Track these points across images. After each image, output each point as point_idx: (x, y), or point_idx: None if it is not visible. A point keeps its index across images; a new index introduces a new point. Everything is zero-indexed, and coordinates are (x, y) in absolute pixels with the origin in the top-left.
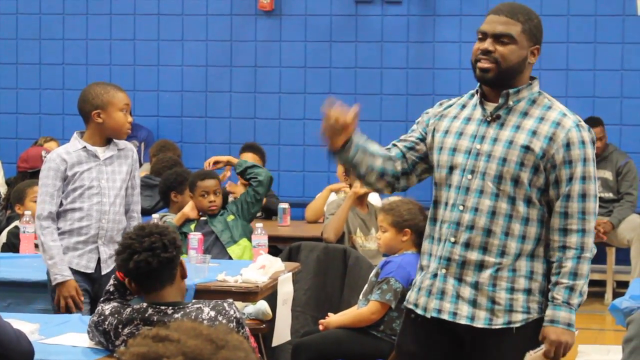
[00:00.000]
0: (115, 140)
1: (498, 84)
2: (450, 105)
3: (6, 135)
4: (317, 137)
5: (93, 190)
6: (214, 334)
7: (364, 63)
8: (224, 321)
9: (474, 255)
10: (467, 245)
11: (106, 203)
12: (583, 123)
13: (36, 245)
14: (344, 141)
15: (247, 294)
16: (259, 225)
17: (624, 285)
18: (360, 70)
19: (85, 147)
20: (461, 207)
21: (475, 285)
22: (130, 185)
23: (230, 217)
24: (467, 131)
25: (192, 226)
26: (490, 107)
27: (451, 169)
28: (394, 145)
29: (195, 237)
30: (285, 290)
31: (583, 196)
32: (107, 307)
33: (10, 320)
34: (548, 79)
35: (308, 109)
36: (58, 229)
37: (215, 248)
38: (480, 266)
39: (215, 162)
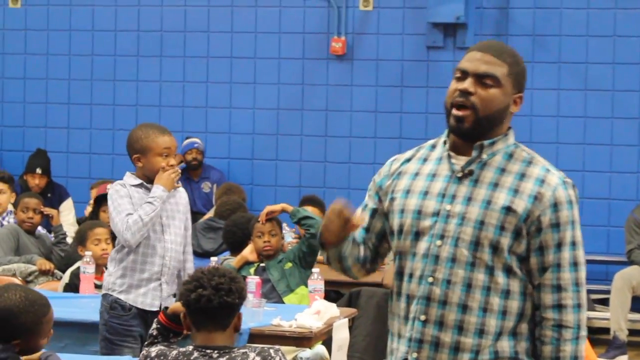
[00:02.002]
0: None
1: (474, 135)
2: (408, 160)
3: (79, 175)
4: None
5: (156, 227)
6: None
7: (434, 108)
8: None
9: (448, 337)
10: (441, 324)
11: (168, 240)
12: (568, 179)
13: (96, 286)
14: (343, 237)
15: (301, 339)
16: (315, 270)
17: None
18: (431, 115)
19: (142, 183)
20: (430, 279)
21: None
22: (184, 227)
23: (288, 265)
24: (433, 190)
25: (252, 270)
26: (460, 161)
27: (417, 234)
28: None
29: (252, 281)
30: (341, 337)
31: (575, 265)
32: (153, 350)
33: None
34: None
35: (378, 153)
36: (121, 262)
37: (272, 296)
38: (456, 349)
39: (270, 212)
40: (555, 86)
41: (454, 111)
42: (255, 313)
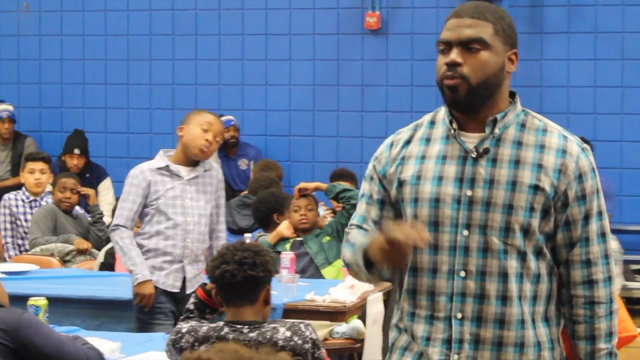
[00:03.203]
0: (201, 162)
1: (473, 105)
2: (408, 142)
3: (118, 155)
4: None
5: (177, 209)
6: (256, 357)
7: None
8: (300, 342)
9: (489, 332)
10: (479, 319)
11: (190, 222)
12: (585, 144)
13: None
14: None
15: (335, 314)
16: None
17: None
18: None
19: (168, 165)
20: (463, 273)
21: None
22: (216, 205)
23: (326, 238)
24: (448, 174)
25: (288, 245)
26: (471, 139)
27: (436, 225)
28: (360, 228)
29: (287, 257)
30: (376, 310)
31: (603, 235)
32: (184, 326)
33: (93, 338)
34: None
35: None
36: (142, 246)
37: (310, 269)
38: (499, 344)
39: (303, 189)
40: (592, 56)
41: (446, 81)
42: (289, 288)
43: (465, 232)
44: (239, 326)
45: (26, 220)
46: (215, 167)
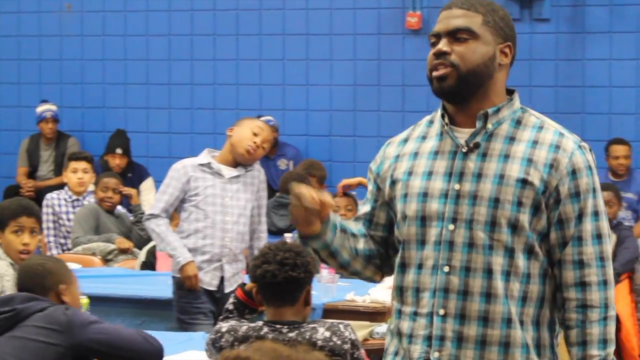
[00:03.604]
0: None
1: (462, 94)
2: (405, 141)
3: (159, 155)
4: None
5: (216, 208)
6: (294, 355)
7: (512, 81)
8: (339, 342)
9: (472, 330)
10: (462, 317)
11: (229, 222)
12: (584, 143)
13: None
14: (319, 226)
15: (375, 314)
16: None
17: None
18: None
19: (210, 163)
20: (446, 269)
21: None
22: (257, 206)
23: None
24: (438, 168)
25: None
26: (463, 134)
27: (423, 220)
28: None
29: None
30: None
31: (599, 237)
32: (224, 325)
33: None
34: None
35: None
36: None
37: None
38: (483, 343)
39: (346, 186)
40: (634, 56)
41: (434, 72)
42: (328, 288)
43: (451, 227)
44: (278, 326)
45: (68, 220)
46: (257, 167)
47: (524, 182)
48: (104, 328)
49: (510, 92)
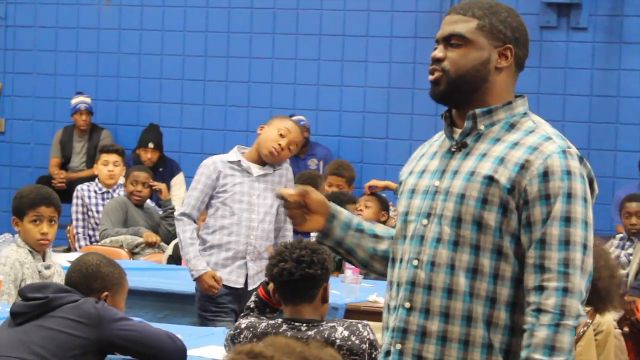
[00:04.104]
0: None
1: (454, 98)
2: (430, 144)
3: (192, 150)
4: None
5: (243, 205)
6: (307, 351)
7: (546, 89)
8: (357, 341)
9: (434, 325)
10: (427, 311)
11: (255, 219)
12: (574, 150)
13: None
14: (321, 223)
15: None
16: None
17: None
18: (543, 96)
19: (239, 161)
20: (415, 262)
21: None
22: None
23: None
24: (430, 168)
25: None
26: (457, 134)
27: (406, 215)
28: None
29: None
30: None
31: (567, 243)
32: (243, 322)
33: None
34: None
35: None
36: (205, 242)
37: (370, 275)
38: (444, 339)
39: (373, 186)
40: None
41: (429, 77)
42: (352, 289)
43: (425, 222)
44: (297, 324)
45: (98, 212)
46: (286, 165)
47: (490, 180)
48: (131, 325)
49: (519, 97)
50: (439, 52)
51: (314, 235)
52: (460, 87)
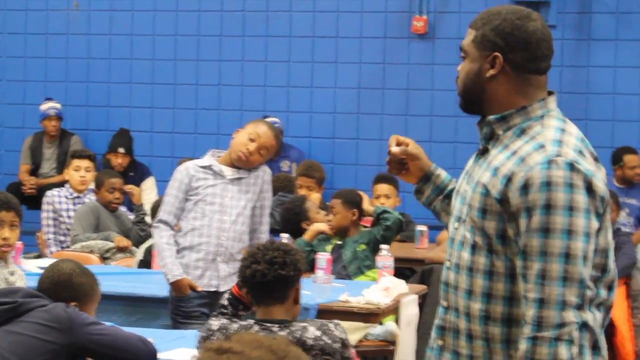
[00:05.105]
0: None
1: (468, 109)
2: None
3: (162, 154)
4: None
5: (215, 207)
6: (275, 345)
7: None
8: (329, 341)
9: (462, 323)
10: (457, 310)
11: (227, 221)
12: (561, 159)
13: None
14: (415, 179)
15: (369, 315)
16: (384, 246)
17: None
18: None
19: (211, 165)
20: (448, 264)
21: (471, 358)
22: (259, 206)
23: (362, 247)
24: (467, 169)
25: (329, 247)
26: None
27: (450, 216)
28: None
29: (323, 257)
30: (410, 313)
31: (544, 254)
32: (215, 323)
33: None
34: None
35: (459, 132)
36: (178, 244)
37: (343, 276)
38: (470, 337)
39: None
40: (639, 64)
41: None
42: (323, 289)
43: (456, 225)
44: (269, 325)
45: (69, 217)
46: (263, 167)
47: (487, 190)
48: (103, 329)
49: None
50: (459, 66)
51: (284, 236)
52: (467, 99)
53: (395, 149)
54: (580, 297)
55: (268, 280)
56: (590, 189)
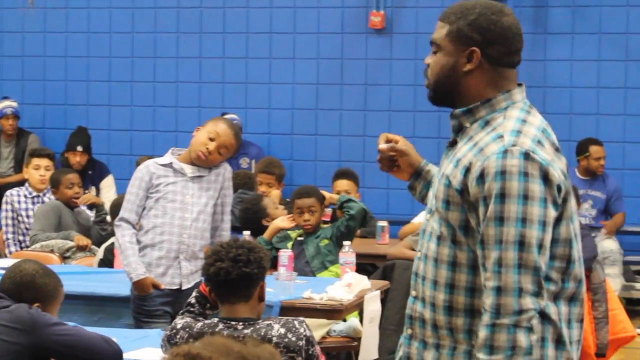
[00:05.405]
0: None
1: (438, 102)
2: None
3: (121, 152)
4: (428, 155)
5: (176, 205)
6: (245, 350)
7: None
8: (294, 339)
9: (427, 313)
10: (423, 300)
11: (188, 218)
12: (516, 148)
13: None
14: (406, 175)
15: (332, 312)
16: (346, 243)
17: None
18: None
19: (171, 163)
20: (419, 254)
21: (437, 347)
22: (220, 203)
23: (325, 242)
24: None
25: (290, 244)
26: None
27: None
28: None
29: (285, 254)
30: (373, 309)
31: (500, 242)
32: (179, 322)
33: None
34: None
35: (417, 127)
36: (139, 242)
37: (306, 272)
38: (435, 326)
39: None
40: (596, 57)
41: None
42: (286, 286)
43: (428, 216)
44: (233, 323)
45: (28, 217)
46: (223, 165)
47: (449, 182)
48: (66, 329)
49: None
50: (427, 59)
51: (246, 233)
52: (439, 92)
53: (383, 146)
54: (536, 285)
55: (232, 278)
56: (546, 178)
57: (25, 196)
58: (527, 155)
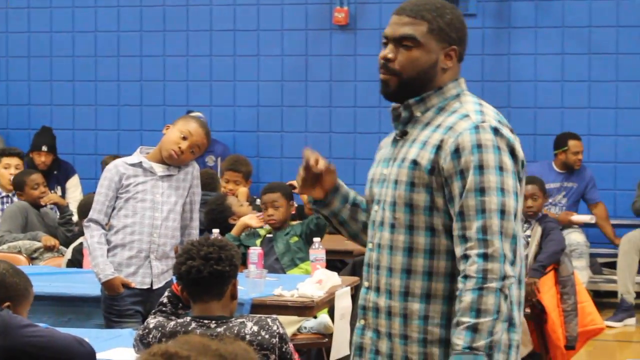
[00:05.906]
0: None
1: (403, 97)
2: (390, 135)
3: (85, 152)
4: None
5: (146, 204)
6: (223, 348)
7: None
8: (267, 336)
9: (382, 301)
10: (377, 289)
11: (158, 218)
12: (487, 124)
13: None
14: (323, 193)
15: (303, 309)
16: (316, 239)
17: None
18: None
19: (141, 162)
20: (370, 245)
21: (390, 336)
22: (189, 202)
23: (294, 239)
24: (383, 157)
25: (258, 241)
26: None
27: (369, 203)
28: None
29: (255, 252)
30: (343, 305)
31: (482, 211)
32: (152, 321)
33: None
34: None
35: (383, 123)
36: (109, 242)
37: (276, 269)
38: (389, 314)
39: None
40: (559, 51)
41: (380, 75)
42: (257, 284)
43: (376, 207)
44: (206, 321)
45: None
46: (192, 163)
47: (415, 164)
48: (38, 331)
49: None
50: (390, 53)
51: (215, 232)
52: (411, 88)
53: (321, 164)
54: (512, 253)
55: (204, 276)
56: (513, 153)
57: None
58: (496, 131)
